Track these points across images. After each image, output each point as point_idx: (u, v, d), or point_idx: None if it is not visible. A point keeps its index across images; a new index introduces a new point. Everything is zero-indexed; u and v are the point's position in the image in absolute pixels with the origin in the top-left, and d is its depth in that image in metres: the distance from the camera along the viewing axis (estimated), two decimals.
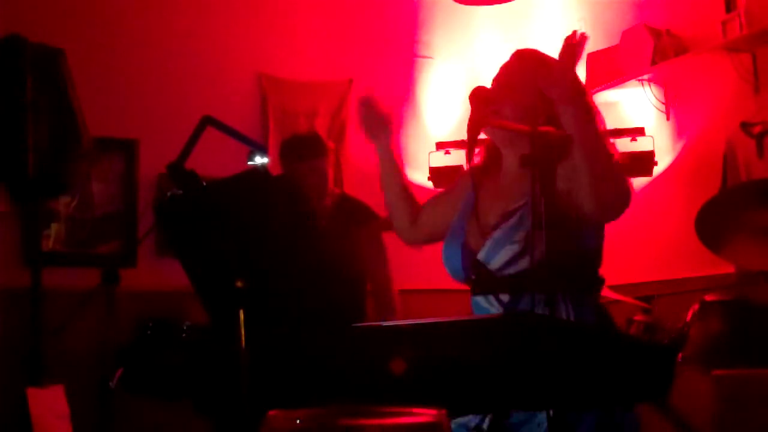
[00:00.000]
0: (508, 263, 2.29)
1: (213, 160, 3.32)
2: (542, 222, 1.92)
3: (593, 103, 2.40)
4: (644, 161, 4.94)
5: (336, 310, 2.07)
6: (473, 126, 2.26)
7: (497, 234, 2.32)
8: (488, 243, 2.33)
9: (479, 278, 2.37)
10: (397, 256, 4.27)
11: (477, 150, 2.54)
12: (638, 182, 5.05)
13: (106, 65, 4.91)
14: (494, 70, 2.49)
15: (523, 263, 2.27)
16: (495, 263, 2.31)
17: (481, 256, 2.34)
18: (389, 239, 4.09)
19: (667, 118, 5.02)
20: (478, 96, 2.33)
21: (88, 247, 4.86)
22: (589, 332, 1.98)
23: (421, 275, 5.31)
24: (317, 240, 2.05)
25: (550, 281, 1.91)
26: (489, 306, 2.34)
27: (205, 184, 2.12)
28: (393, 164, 2.61)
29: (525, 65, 2.41)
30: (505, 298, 2.31)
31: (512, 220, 2.32)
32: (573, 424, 2.11)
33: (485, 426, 2.17)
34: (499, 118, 2.35)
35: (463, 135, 2.47)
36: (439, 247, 2.55)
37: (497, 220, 2.35)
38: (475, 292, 2.39)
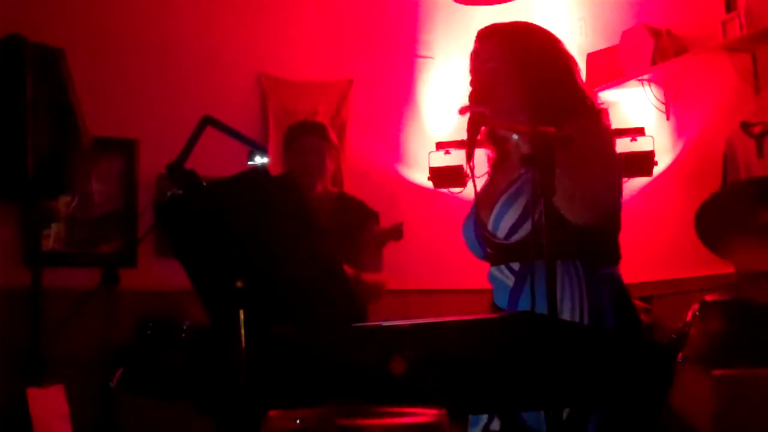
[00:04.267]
0: (512, 230, 2.33)
1: (213, 160, 3.32)
2: (543, 221, 1.93)
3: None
4: (644, 161, 4.94)
5: (336, 310, 2.07)
6: (472, 126, 2.27)
7: (500, 202, 2.37)
8: (493, 212, 2.38)
9: (492, 249, 2.40)
10: (397, 257, 4.27)
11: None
12: (638, 182, 5.06)
13: (106, 65, 4.91)
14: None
15: (525, 230, 2.30)
16: (501, 231, 2.35)
17: (489, 226, 2.39)
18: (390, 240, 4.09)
19: (667, 118, 5.02)
20: (475, 96, 2.36)
21: (88, 247, 4.87)
22: (590, 332, 1.98)
23: (421, 275, 5.33)
24: (317, 239, 2.04)
25: (553, 252, 1.91)
26: (502, 276, 2.38)
27: (205, 184, 2.12)
28: None
29: (498, 44, 2.45)
30: (516, 266, 2.34)
31: (513, 188, 2.36)
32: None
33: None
34: (496, 114, 2.37)
35: (463, 135, 2.48)
36: (439, 247, 2.56)
37: (501, 189, 2.40)
38: (492, 264, 2.43)
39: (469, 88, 2.45)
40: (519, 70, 2.40)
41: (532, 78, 2.39)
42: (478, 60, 2.47)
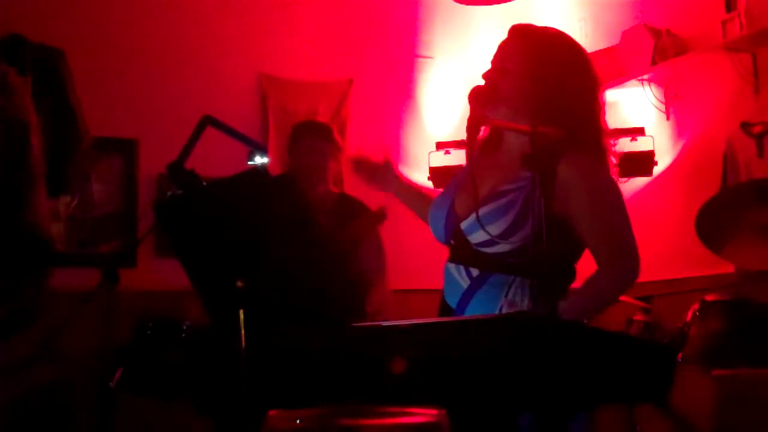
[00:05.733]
0: (487, 243, 2.30)
1: (213, 160, 3.32)
2: (542, 223, 1.92)
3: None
4: (644, 161, 4.94)
5: (336, 310, 2.07)
6: (472, 125, 2.26)
7: (483, 210, 2.31)
8: (472, 216, 2.32)
9: (457, 245, 2.38)
10: (397, 256, 4.27)
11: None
12: (638, 182, 5.06)
13: (106, 65, 4.91)
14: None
15: (502, 247, 2.28)
16: (474, 238, 2.32)
17: (463, 226, 2.35)
18: (390, 240, 4.09)
19: (667, 118, 5.02)
20: (477, 95, 2.34)
21: (88, 247, 4.86)
22: (590, 332, 1.98)
23: (421, 275, 5.32)
24: (317, 239, 2.04)
25: (513, 268, 1.90)
26: (458, 276, 2.36)
27: (205, 184, 2.12)
28: (414, 197, 2.67)
29: (520, 45, 2.42)
30: (475, 272, 2.32)
31: (501, 201, 2.31)
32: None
33: None
34: (497, 115, 2.36)
35: (463, 135, 2.48)
36: (439, 247, 2.56)
37: (487, 194, 2.35)
38: (450, 259, 2.41)
39: (482, 80, 2.43)
40: (531, 80, 2.36)
41: (541, 92, 2.35)
42: (498, 55, 2.44)
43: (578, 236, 2.31)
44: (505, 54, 2.42)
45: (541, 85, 2.35)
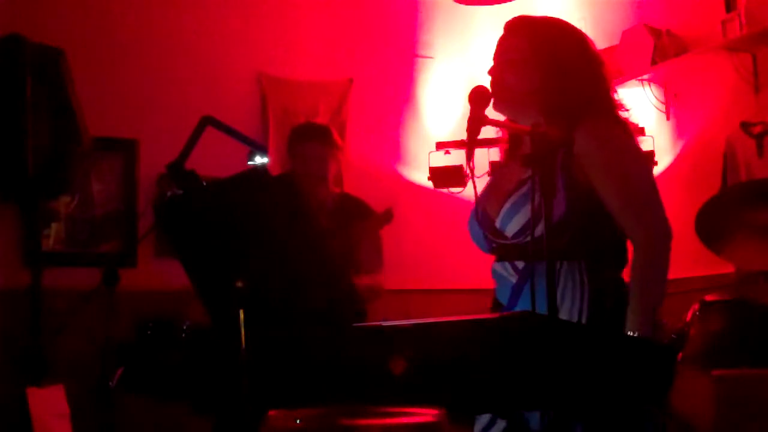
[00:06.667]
0: (521, 231, 2.31)
1: (213, 160, 3.32)
2: (542, 221, 1.93)
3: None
4: None
5: (336, 310, 2.07)
6: (473, 125, 2.26)
7: (510, 201, 2.35)
8: (503, 210, 2.36)
9: (498, 246, 2.40)
10: (397, 256, 4.27)
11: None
12: None
13: (106, 65, 4.91)
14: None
15: (538, 230, 2.28)
16: (509, 231, 2.33)
17: (498, 223, 2.37)
18: (391, 240, 4.09)
19: (667, 118, 5.02)
20: (477, 95, 2.34)
21: (88, 247, 4.86)
22: (590, 332, 1.98)
23: (421, 275, 5.33)
24: (317, 240, 2.04)
25: (556, 254, 1.94)
26: (506, 273, 2.37)
27: (205, 184, 2.12)
28: None
29: (518, 35, 2.44)
30: (520, 264, 2.33)
31: (524, 188, 2.34)
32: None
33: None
34: (506, 114, 2.38)
35: (463, 135, 2.48)
36: (439, 247, 2.56)
37: (512, 186, 2.38)
38: (495, 260, 2.42)
39: (487, 77, 2.44)
40: (535, 65, 2.38)
41: (547, 74, 2.37)
42: (499, 50, 2.46)
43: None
44: (504, 47, 2.45)
45: (546, 68, 2.38)
